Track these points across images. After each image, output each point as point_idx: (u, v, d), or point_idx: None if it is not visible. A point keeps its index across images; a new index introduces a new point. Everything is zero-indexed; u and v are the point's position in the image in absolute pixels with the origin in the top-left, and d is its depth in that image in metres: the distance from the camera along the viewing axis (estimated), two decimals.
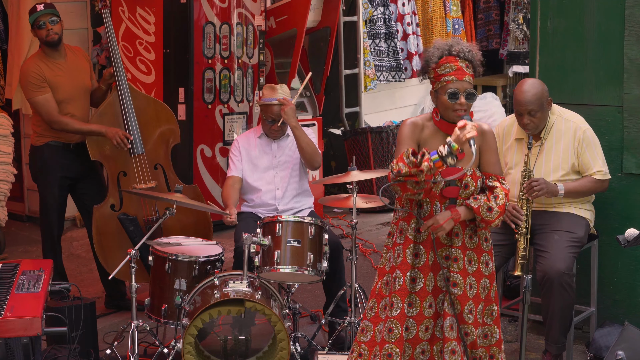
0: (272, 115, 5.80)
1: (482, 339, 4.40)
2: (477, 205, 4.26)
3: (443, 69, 4.25)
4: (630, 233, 4.34)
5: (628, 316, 5.51)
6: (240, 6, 7.91)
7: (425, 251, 4.32)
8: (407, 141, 4.32)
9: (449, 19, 10.69)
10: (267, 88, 5.90)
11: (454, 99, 4.22)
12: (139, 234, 6.02)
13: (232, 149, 6.00)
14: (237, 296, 4.97)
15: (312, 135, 5.92)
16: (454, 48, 4.26)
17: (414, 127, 4.35)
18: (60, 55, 6.15)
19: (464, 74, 4.24)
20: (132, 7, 7.80)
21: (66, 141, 6.16)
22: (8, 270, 4.56)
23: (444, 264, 4.32)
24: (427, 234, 4.30)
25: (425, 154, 4.10)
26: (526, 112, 5.23)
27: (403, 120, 4.47)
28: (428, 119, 4.38)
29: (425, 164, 4.07)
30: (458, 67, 4.23)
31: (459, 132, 4.10)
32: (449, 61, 4.25)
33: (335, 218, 8.56)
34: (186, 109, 7.72)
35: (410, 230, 4.34)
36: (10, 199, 7.66)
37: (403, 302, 4.30)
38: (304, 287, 6.68)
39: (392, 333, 4.31)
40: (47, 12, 6.06)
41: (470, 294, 4.32)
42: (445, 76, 4.24)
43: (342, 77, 9.43)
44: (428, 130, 4.35)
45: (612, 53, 5.59)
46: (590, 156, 5.30)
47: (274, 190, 5.85)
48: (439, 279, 4.34)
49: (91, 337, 5.47)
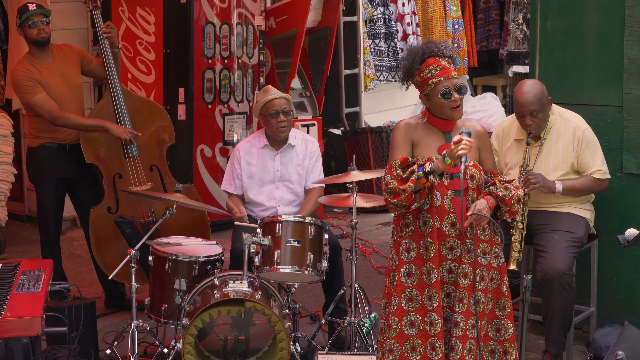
0: (274, 108, 5.76)
1: (494, 332, 4.45)
2: (509, 196, 4.37)
3: (428, 72, 4.31)
4: (630, 233, 4.35)
5: (628, 316, 5.51)
6: (240, 6, 7.91)
7: (433, 242, 4.35)
8: (401, 144, 4.39)
9: (449, 19, 10.69)
10: (260, 94, 5.88)
11: (447, 97, 4.29)
12: (136, 237, 6.02)
13: (233, 160, 5.91)
14: (237, 296, 4.96)
15: (315, 150, 5.92)
16: (431, 49, 4.31)
17: (407, 128, 4.42)
18: (48, 55, 6.13)
19: (449, 71, 4.31)
20: (132, 7, 7.80)
21: (61, 142, 6.16)
22: (8, 270, 4.56)
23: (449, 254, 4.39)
24: (432, 226, 4.34)
25: (413, 167, 4.21)
26: (528, 113, 5.23)
27: (398, 121, 4.50)
28: (420, 118, 4.45)
29: (409, 185, 4.19)
30: (442, 67, 4.30)
31: (453, 146, 4.17)
32: (430, 63, 4.31)
33: (335, 218, 8.56)
34: (186, 109, 7.72)
35: (420, 224, 4.38)
36: (10, 199, 7.66)
37: (439, 294, 4.35)
38: (304, 287, 6.68)
39: (433, 325, 4.36)
40: (39, 11, 6.04)
41: (481, 286, 4.37)
42: (432, 78, 4.30)
43: (342, 77, 9.43)
44: (422, 129, 4.41)
45: (612, 53, 5.58)
46: (589, 156, 5.30)
47: (275, 207, 5.83)
48: (442, 270, 4.38)
49: (91, 337, 5.47)
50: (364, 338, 5.39)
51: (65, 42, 6.42)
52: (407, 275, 4.41)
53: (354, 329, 5.34)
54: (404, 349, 4.40)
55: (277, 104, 5.73)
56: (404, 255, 4.42)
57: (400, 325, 4.40)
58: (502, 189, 4.38)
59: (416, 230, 4.40)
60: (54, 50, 6.17)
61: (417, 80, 4.35)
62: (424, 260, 4.38)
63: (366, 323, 5.54)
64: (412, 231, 4.41)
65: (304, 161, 5.86)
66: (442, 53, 4.31)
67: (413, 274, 4.40)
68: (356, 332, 5.35)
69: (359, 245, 7.62)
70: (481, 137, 4.49)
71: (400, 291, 4.39)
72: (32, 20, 6.02)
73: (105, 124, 6.06)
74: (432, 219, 4.35)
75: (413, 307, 4.40)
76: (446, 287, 4.39)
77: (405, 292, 4.40)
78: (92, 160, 6.14)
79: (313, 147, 5.90)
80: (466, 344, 4.34)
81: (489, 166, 4.50)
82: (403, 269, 4.40)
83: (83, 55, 6.29)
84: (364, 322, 5.50)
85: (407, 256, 4.41)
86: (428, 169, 4.21)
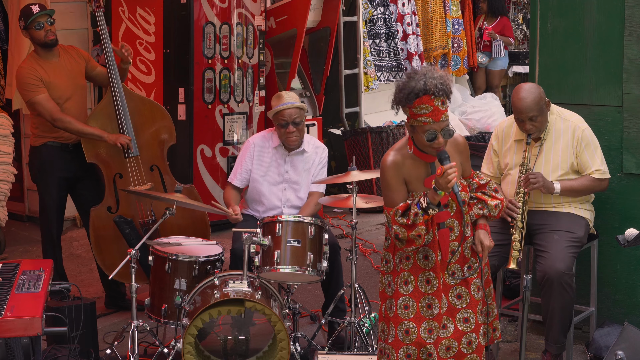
0: (283, 118, 5.74)
1: (484, 318, 4.48)
2: (488, 212, 4.43)
3: (419, 109, 4.17)
4: (630, 233, 4.35)
5: (628, 316, 5.51)
6: (240, 6, 7.92)
7: (436, 276, 4.35)
8: (396, 186, 4.31)
9: (449, 19, 10.70)
10: (274, 98, 5.85)
11: (431, 140, 4.19)
12: (136, 237, 6.02)
13: (245, 154, 5.89)
14: (237, 296, 4.97)
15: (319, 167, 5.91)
16: (427, 86, 4.14)
17: (396, 167, 4.31)
18: (54, 55, 6.14)
19: (440, 114, 4.17)
20: (132, 7, 7.80)
21: (64, 141, 6.17)
22: (8, 270, 4.56)
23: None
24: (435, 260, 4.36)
25: (413, 209, 4.18)
26: (527, 119, 5.22)
27: (382, 158, 4.37)
28: (405, 149, 4.34)
29: (421, 227, 4.19)
30: (434, 108, 4.15)
31: (440, 180, 4.12)
32: (424, 102, 4.15)
33: (335, 218, 8.57)
34: (186, 109, 7.72)
35: (420, 258, 4.39)
36: (10, 199, 7.66)
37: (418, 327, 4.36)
38: (304, 287, 6.68)
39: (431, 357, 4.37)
40: (44, 13, 6.05)
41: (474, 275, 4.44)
42: (422, 117, 4.17)
43: (342, 77, 9.43)
44: (409, 163, 4.32)
45: (611, 53, 5.58)
46: (588, 155, 5.30)
47: (280, 208, 5.84)
48: (451, 298, 4.40)
49: (91, 337, 5.47)
50: (363, 338, 5.39)
51: (65, 42, 6.42)
52: (405, 308, 4.38)
53: (354, 328, 5.34)
54: None
55: (287, 115, 5.71)
56: (401, 288, 4.38)
57: (396, 356, 4.38)
58: (493, 208, 4.41)
59: (415, 264, 4.37)
60: (60, 50, 6.19)
61: (407, 112, 4.25)
62: (422, 294, 4.36)
63: (366, 323, 5.54)
64: (412, 265, 4.38)
65: (312, 167, 5.87)
66: (437, 92, 4.15)
67: (410, 307, 4.38)
68: (356, 332, 5.35)
69: (359, 245, 7.62)
70: (460, 149, 4.41)
71: (397, 322, 4.38)
72: (37, 22, 6.02)
73: (103, 135, 6.06)
74: (434, 253, 4.33)
75: (409, 340, 4.37)
76: (462, 313, 4.40)
77: (402, 324, 4.38)
78: (92, 159, 6.14)
79: (323, 154, 5.92)
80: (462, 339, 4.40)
81: (468, 173, 4.48)
82: (400, 300, 4.38)
83: (88, 59, 6.32)
84: (364, 322, 5.50)
85: (405, 289, 4.39)
86: (424, 204, 4.17)
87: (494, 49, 11.20)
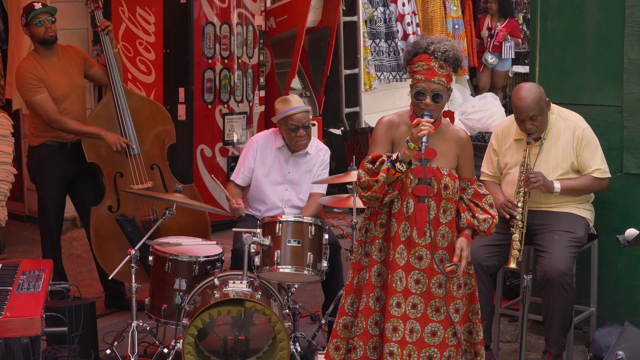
0: (293, 122, 5.74)
1: (467, 334, 4.47)
2: (476, 223, 4.38)
3: (416, 66, 4.26)
4: (630, 233, 4.35)
5: (628, 316, 5.51)
6: (240, 6, 7.91)
7: (393, 247, 4.33)
8: (381, 142, 4.36)
9: (449, 19, 10.70)
10: (279, 102, 5.84)
11: (419, 99, 4.25)
12: (137, 235, 6.02)
13: (249, 151, 5.89)
14: (237, 296, 4.97)
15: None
16: (430, 47, 4.23)
17: (389, 125, 4.38)
18: (54, 54, 6.15)
19: (434, 75, 4.23)
20: (132, 7, 7.80)
21: (63, 141, 6.16)
22: (8, 270, 4.56)
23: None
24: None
25: (384, 162, 4.18)
26: (527, 119, 5.22)
27: (380, 117, 4.46)
28: (407, 116, 4.40)
29: (382, 174, 4.17)
30: (429, 67, 4.23)
31: (414, 130, 4.17)
32: (421, 59, 4.24)
33: (335, 218, 8.57)
34: (186, 109, 7.72)
35: (376, 252, 4.38)
36: (10, 199, 7.66)
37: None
38: (304, 287, 6.68)
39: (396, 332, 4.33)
40: (46, 10, 6.06)
41: (458, 294, 4.37)
42: (417, 74, 4.26)
43: (342, 77, 9.43)
44: (404, 128, 4.36)
45: (612, 53, 5.58)
46: (589, 155, 5.30)
47: (281, 208, 5.84)
48: (410, 280, 4.35)
49: (91, 337, 5.47)
50: None
51: (64, 42, 6.43)
52: (378, 275, 4.40)
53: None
54: (368, 348, 4.39)
55: (297, 119, 5.71)
56: (375, 255, 4.39)
57: (365, 324, 4.38)
58: (482, 222, 4.37)
59: (388, 231, 4.38)
60: (59, 50, 6.19)
61: (408, 70, 4.33)
62: (397, 266, 4.33)
63: None
64: (385, 232, 4.39)
65: (313, 168, 5.87)
66: (437, 55, 4.21)
67: (382, 274, 4.39)
68: None
69: None
70: (462, 144, 4.41)
71: (369, 290, 4.38)
72: (38, 19, 6.03)
73: (101, 132, 6.07)
74: (397, 224, 4.32)
75: (380, 307, 4.37)
76: (413, 298, 4.32)
77: (374, 291, 4.39)
78: (93, 159, 6.14)
79: (325, 156, 5.92)
80: (444, 352, 4.33)
81: (467, 174, 4.44)
82: (374, 268, 4.39)
83: (86, 58, 6.31)
84: None
85: (379, 256, 4.40)
86: (394, 157, 4.18)
87: (504, 50, 11.19)
